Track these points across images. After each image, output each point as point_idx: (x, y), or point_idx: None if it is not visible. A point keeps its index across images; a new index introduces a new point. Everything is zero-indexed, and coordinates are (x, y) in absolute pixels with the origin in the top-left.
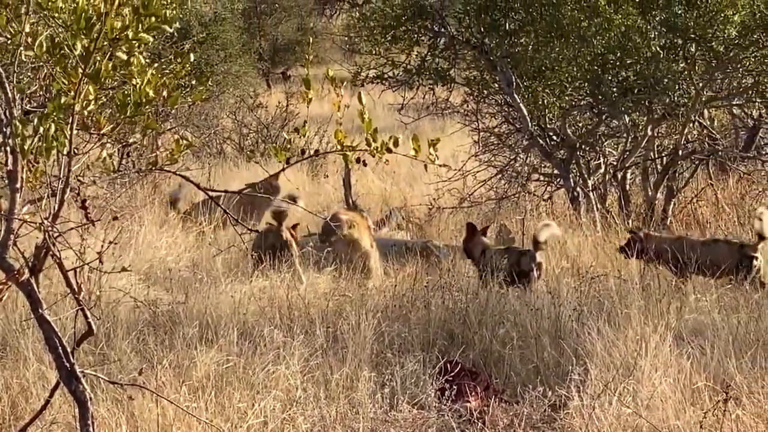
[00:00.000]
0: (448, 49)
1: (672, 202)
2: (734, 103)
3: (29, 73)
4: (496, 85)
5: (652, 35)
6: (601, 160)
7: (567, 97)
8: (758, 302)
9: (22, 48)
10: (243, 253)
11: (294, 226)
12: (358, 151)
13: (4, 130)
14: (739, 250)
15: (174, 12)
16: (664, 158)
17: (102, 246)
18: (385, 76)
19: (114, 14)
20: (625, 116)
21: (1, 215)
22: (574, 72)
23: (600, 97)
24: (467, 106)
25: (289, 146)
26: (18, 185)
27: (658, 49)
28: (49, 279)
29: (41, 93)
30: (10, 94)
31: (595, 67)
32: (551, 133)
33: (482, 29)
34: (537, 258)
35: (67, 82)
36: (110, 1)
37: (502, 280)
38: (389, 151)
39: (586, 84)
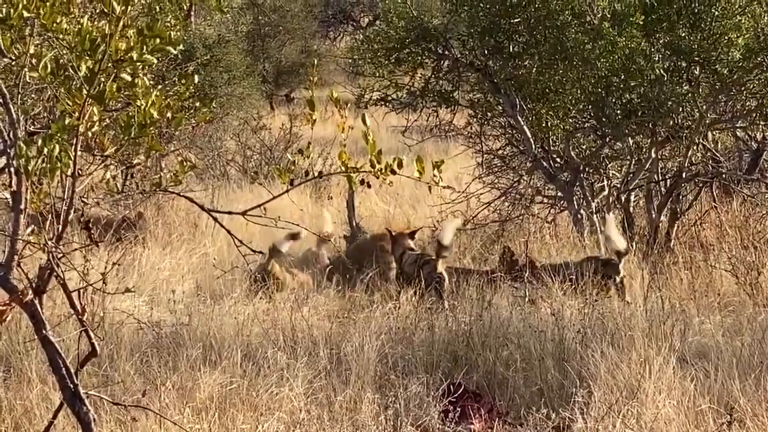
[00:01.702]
0: (452, 71)
1: (675, 225)
2: (738, 125)
3: (33, 95)
4: (500, 108)
5: (656, 58)
6: (605, 182)
7: (571, 120)
8: (761, 324)
9: (26, 69)
10: (247, 274)
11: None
12: (362, 173)
13: (8, 151)
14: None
15: (178, 34)
16: (668, 180)
17: (105, 267)
18: (389, 98)
19: (118, 36)
20: (629, 138)
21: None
22: (577, 94)
23: (604, 119)
24: (471, 128)
25: (292, 168)
26: (22, 206)
27: (661, 71)
28: (53, 300)
29: (45, 114)
30: (14, 116)
31: (599, 90)
32: (555, 156)
33: (486, 51)
34: (438, 267)
35: (71, 104)
36: (115, 23)
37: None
38: (393, 172)
39: (590, 106)
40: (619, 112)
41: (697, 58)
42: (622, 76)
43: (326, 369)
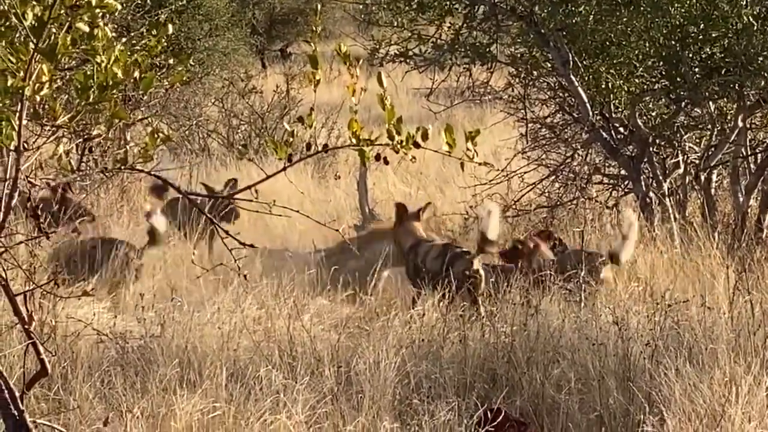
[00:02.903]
0: (489, 19)
1: None
2: None
3: None
4: (549, 65)
5: (744, 2)
6: (680, 157)
7: (637, 80)
8: None
9: None
10: (234, 273)
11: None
12: (378, 146)
13: None
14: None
15: None
16: (759, 155)
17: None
18: (410, 53)
19: None
20: (710, 103)
21: None
22: (646, 48)
23: (678, 79)
24: (512, 91)
25: (291, 140)
26: None
27: (750, 19)
28: None
29: None
30: None
31: (673, 42)
32: (617, 125)
33: None
34: (475, 264)
35: (14, 60)
36: None
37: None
38: (416, 145)
39: (661, 63)
40: (697, 70)
41: None
42: (702, 25)
43: (333, 391)
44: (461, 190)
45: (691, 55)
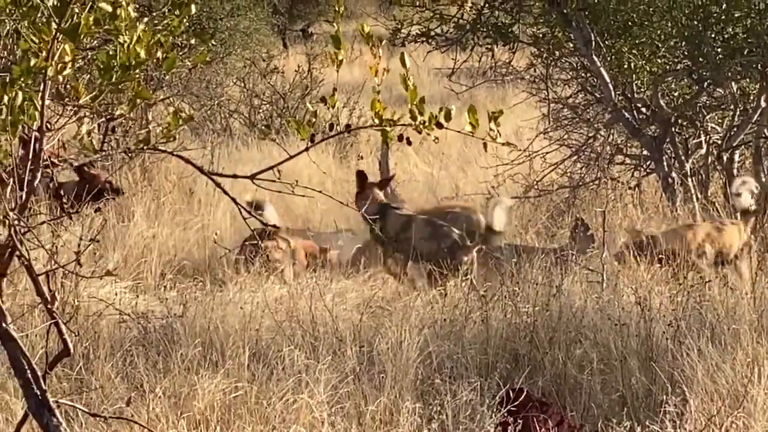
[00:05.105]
0: None
1: None
2: None
3: None
4: (571, 45)
5: None
6: (703, 138)
7: (659, 60)
8: None
9: None
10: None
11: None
12: (401, 126)
13: None
14: None
15: None
16: None
17: (80, 245)
18: (432, 33)
19: None
20: (733, 83)
21: None
22: (668, 28)
23: (701, 59)
24: (534, 71)
25: (313, 121)
26: None
27: None
28: (15, 286)
29: (4, 55)
30: None
31: (695, 22)
32: (640, 105)
33: None
34: (472, 254)
35: (37, 41)
36: None
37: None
38: (440, 126)
39: (684, 43)
40: (719, 50)
41: None
42: (724, 5)
43: (355, 371)
44: (483, 171)
45: (713, 35)
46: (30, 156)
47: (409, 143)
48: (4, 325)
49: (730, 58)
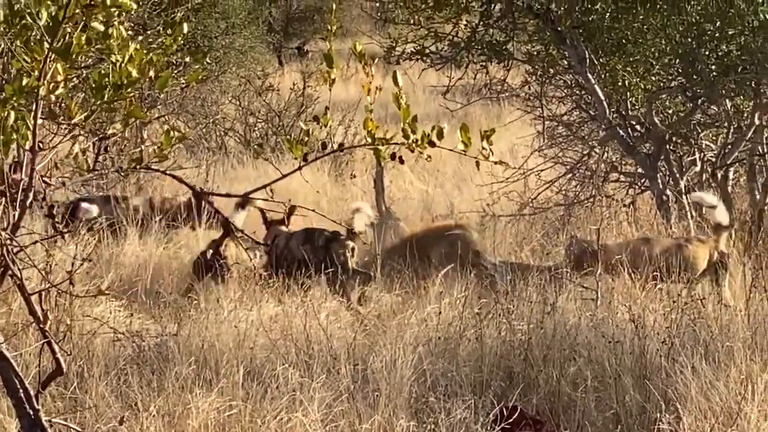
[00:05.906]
0: (505, 17)
1: None
2: None
3: None
4: (566, 62)
5: (761, 0)
6: (697, 155)
7: (654, 78)
8: None
9: None
10: (250, 272)
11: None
12: (394, 145)
13: None
14: None
15: None
16: None
17: (73, 264)
18: (427, 51)
19: None
20: (727, 101)
21: None
22: (662, 46)
23: (695, 77)
24: (529, 89)
25: (306, 139)
26: None
27: (767, 16)
28: (8, 305)
29: None
30: None
31: (689, 40)
32: (634, 122)
33: None
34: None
35: (29, 60)
36: None
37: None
38: (432, 144)
39: (678, 61)
40: (713, 67)
41: None
42: (718, 23)
43: (349, 390)
44: (478, 188)
45: (707, 53)
46: (23, 174)
47: (402, 162)
48: None
49: (724, 75)
